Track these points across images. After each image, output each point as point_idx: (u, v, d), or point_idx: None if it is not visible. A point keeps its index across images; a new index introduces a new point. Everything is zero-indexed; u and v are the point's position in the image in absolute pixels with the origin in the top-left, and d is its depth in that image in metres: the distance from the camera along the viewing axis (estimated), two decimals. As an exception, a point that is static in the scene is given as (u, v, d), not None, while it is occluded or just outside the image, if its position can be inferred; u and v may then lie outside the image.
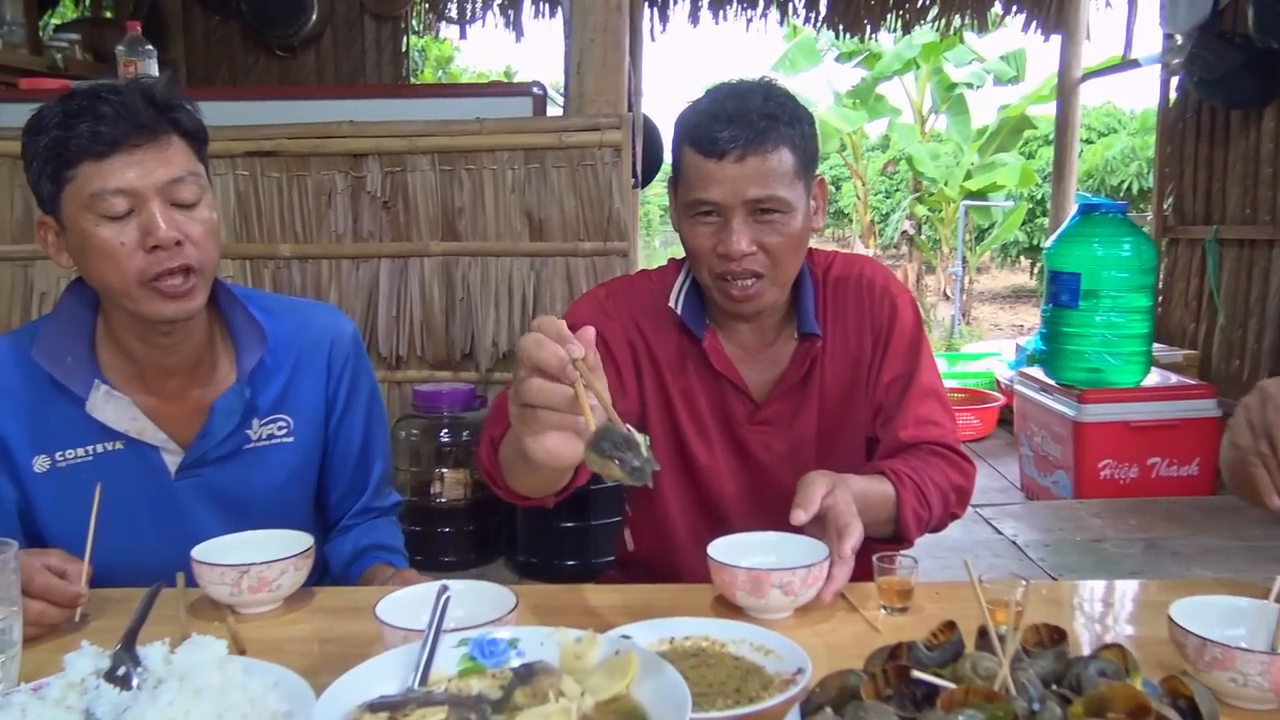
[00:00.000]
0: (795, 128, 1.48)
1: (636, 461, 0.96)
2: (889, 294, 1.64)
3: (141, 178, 1.33)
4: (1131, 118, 14.91)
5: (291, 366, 1.57)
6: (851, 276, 1.65)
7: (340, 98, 3.77)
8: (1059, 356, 4.44)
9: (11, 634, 1.11)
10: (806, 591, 1.29)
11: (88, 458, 1.47)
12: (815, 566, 1.28)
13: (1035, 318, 12.93)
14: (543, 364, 0.99)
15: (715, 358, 1.60)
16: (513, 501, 1.38)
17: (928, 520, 1.55)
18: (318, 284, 3.40)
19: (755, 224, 1.48)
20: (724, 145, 1.44)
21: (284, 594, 1.36)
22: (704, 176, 1.47)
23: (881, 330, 1.62)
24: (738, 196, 1.46)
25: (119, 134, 1.32)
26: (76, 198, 1.34)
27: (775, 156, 1.45)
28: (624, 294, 1.67)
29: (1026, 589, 1.30)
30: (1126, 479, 4.29)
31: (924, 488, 1.53)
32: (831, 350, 1.62)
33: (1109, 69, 6.43)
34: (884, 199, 16.23)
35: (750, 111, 1.45)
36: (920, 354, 1.64)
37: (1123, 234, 4.27)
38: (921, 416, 1.61)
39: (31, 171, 1.37)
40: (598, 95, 3.21)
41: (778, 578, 1.27)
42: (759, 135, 1.44)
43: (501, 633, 1.04)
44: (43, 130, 1.34)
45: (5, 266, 3.31)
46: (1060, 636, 1.03)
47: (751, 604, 1.29)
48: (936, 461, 1.59)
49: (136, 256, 1.34)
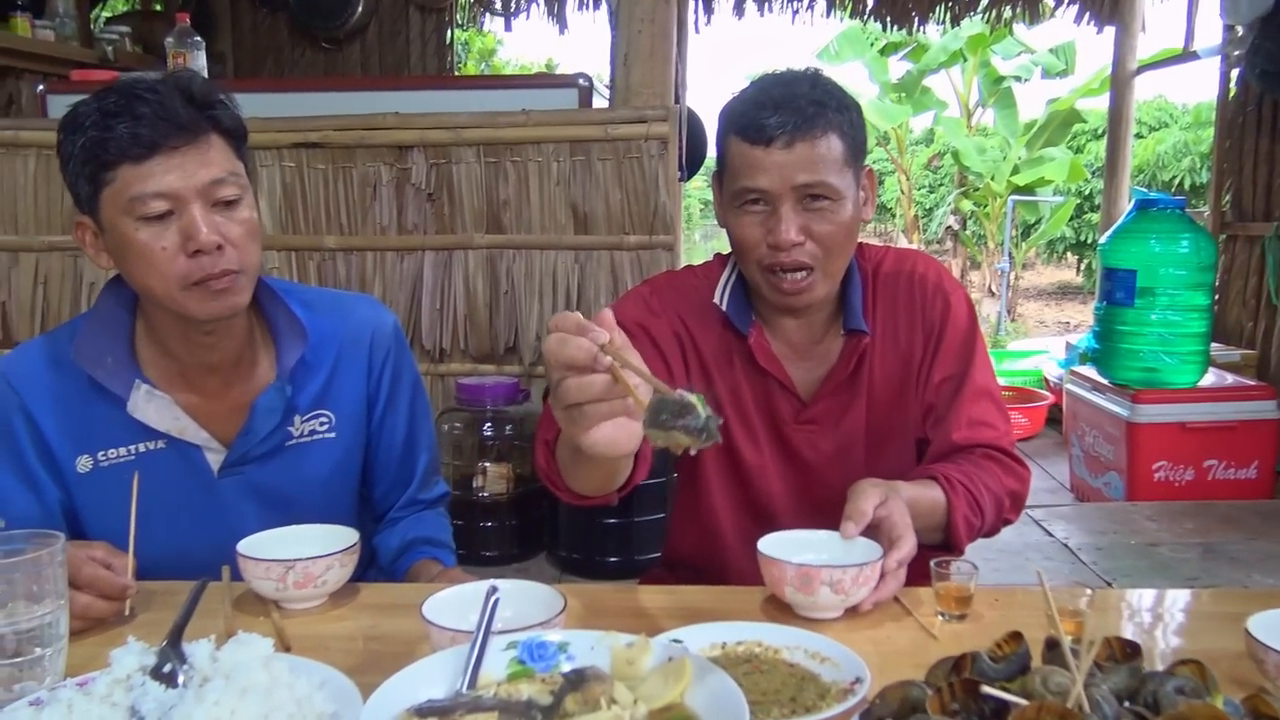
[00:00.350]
0: (844, 114, 1.45)
1: (698, 423, 0.92)
2: (942, 290, 1.60)
3: (182, 180, 1.31)
4: (1184, 112, 14.59)
5: (333, 362, 1.55)
6: (904, 272, 1.61)
7: (386, 89, 3.77)
8: (1113, 355, 4.34)
9: (58, 627, 1.10)
10: (857, 591, 1.25)
11: (130, 457, 1.46)
12: (868, 566, 1.25)
13: (1081, 315, 12.77)
14: (572, 360, 0.95)
15: (761, 355, 1.57)
16: (577, 504, 1.34)
17: (980, 527, 1.51)
18: (362, 276, 3.40)
19: (805, 212, 1.45)
20: (771, 131, 1.41)
21: (329, 590, 1.35)
22: (751, 164, 1.44)
23: (934, 328, 1.58)
24: (786, 183, 1.43)
25: (158, 136, 1.29)
26: (115, 201, 1.32)
27: (824, 142, 1.42)
28: (668, 290, 1.64)
29: (1092, 598, 1.25)
30: (1182, 481, 4.18)
31: (977, 494, 1.49)
32: (881, 348, 1.58)
33: (1166, 61, 6.27)
34: (928, 194, 16.03)
35: (798, 98, 1.42)
36: (974, 353, 1.59)
37: (1181, 230, 4.16)
38: (975, 418, 1.56)
39: (68, 171, 1.35)
40: (644, 87, 3.18)
41: (828, 574, 1.23)
42: (807, 121, 1.41)
43: (551, 635, 1.01)
44: (79, 129, 1.31)
45: (55, 257, 3.35)
46: (1134, 651, 0.98)
47: (801, 601, 1.26)
48: (990, 466, 1.55)
49: (178, 260, 1.32)
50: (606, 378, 0.95)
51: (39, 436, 1.45)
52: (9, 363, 1.47)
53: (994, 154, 12.42)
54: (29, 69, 4.47)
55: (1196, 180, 12.44)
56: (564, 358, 0.95)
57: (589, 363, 0.94)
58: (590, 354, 0.94)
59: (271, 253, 3.38)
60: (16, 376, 1.45)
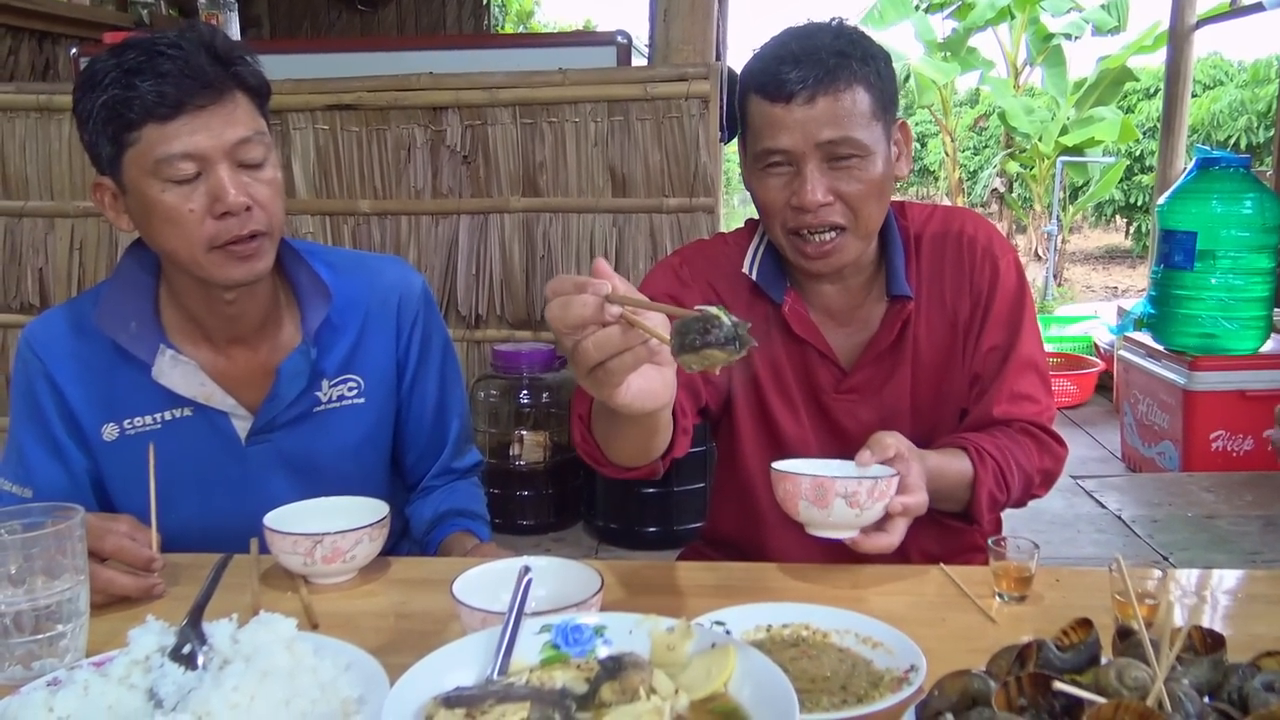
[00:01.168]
0: (869, 65, 1.37)
1: (726, 332, 0.85)
2: (991, 254, 1.51)
3: (209, 140, 1.27)
4: (1240, 69, 14.14)
5: (360, 325, 1.51)
6: (951, 233, 1.53)
7: (420, 48, 3.70)
8: (1170, 321, 4.20)
9: (78, 603, 1.07)
10: (872, 506, 1.22)
11: (156, 425, 1.44)
12: (882, 480, 1.22)
13: (1130, 279, 12.50)
14: (581, 319, 0.89)
15: (797, 322, 1.50)
16: (622, 477, 1.30)
17: (1004, 503, 1.47)
18: (396, 241, 3.36)
19: (831, 171, 1.37)
20: (791, 87, 1.34)
21: (358, 564, 1.31)
22: (772, 123, 1.37)
23: (982, 294, 1.50)
24: (809, 140, 1.35)
25: (184, 94, 1.25)
26: (140, 161, 1.27)
27: (848, 95, 1.35)
28: (698, 260, 1.57)
29: (1164, 580, 1.17)
30: (1240, 451, 4.06)
31: (1006, 470, 1.43)
32: (927, 313, 1.51)
33: (1227, 14, 6.03)
34: (973, 155, 15.72)
35: (819, 50, 1.35)
36: (1023, 321, 1.51)
37: (1244, 190, 3.99)
38: (1018, 391, 1.49)
39: (88, 130, 1.30)
40: (684, 44, 3.10)
41: (842, 485, 1.21)
42: (829, 74, 1.34)
43: (587, 618, 0.96)
44: (98, 87, 1.26)
45: (91, 222, 3.34)
46: (1216, 642, 0.91)
47: (815, 516, 1.24)
48: (1026, 442, 1.48)
49: (205, 223, 1.29)
50: (620, 327, 0.89)
51: (64, 405, 1.43)
52: (33, 330, 1.45)
53: (1042, 114, 12.10)
54: (65, 33, 4.46)
55: (1254, 139, 12.08)
56: (571, 319, 0.89)
57: (598, 317, 0.89)
58: (597, 307, 0.88)
59: (305, 217, 3.35)
60: (40, 344, 1.43)
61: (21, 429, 1.45)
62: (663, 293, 1.50)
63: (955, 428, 1.54)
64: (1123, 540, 3.36)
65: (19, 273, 3.41)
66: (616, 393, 0.93)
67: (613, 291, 0.89)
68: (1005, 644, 0.93)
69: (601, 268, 0.91)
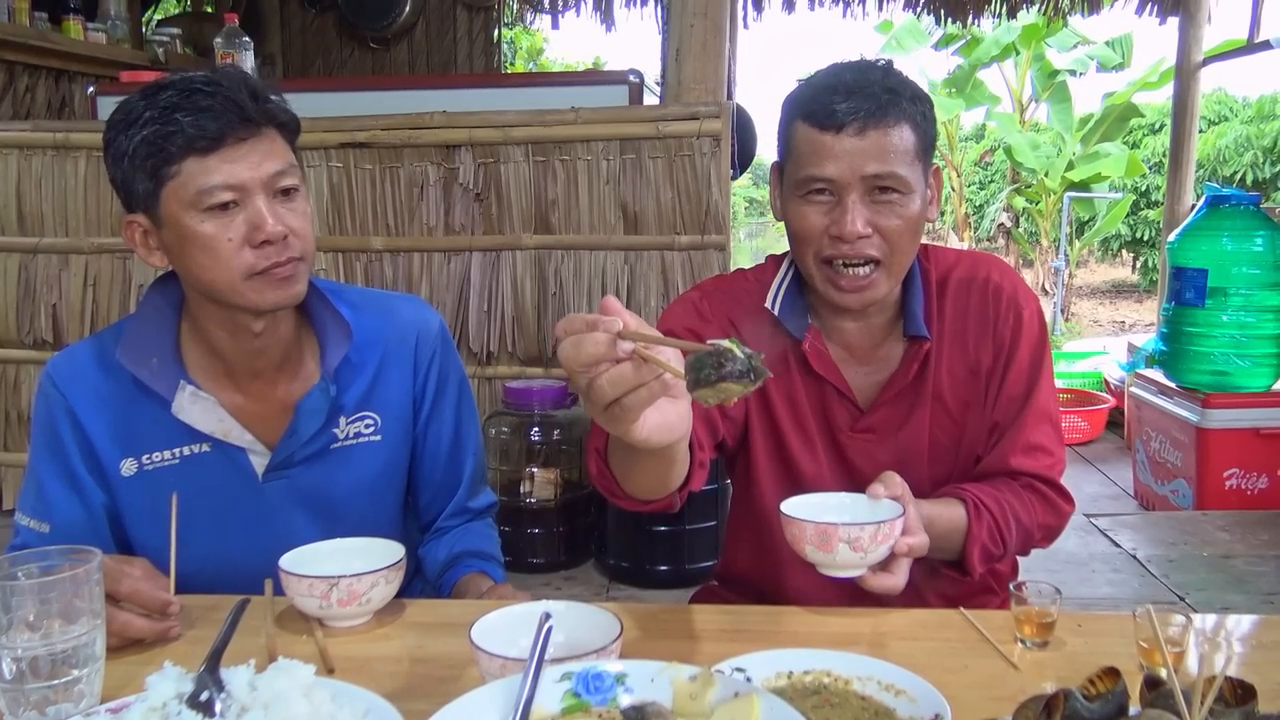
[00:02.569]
0: (917, 105, 1.39)
1: (741, 365, 0.85)
2: (1016, 303, 1.50)
3: (249, 171, 1.30)
4: (1245, 105, 14.21)
5: (377, 363, 1.52)
6: (977, 280, 1.52)
7: (433, 88, 3.73)
8: (1181, 358, 4.18)
9: (94, 647, 1.06)
10: (876, 549, 1.25)
11: (174, 460, 1.44)
12: (885, 524, 1.24)
13: (1137, 314, 12.48)
14: (593, 357, 0.88)
15: (816, 359, 1.49)
16: (639, 509, 1.29)
17: (999, 557, 1.46)
18: (409, 277, 3.37)
19: (872, 204, 1.37)
20: (843, 117, 1.35)
21: (374, 607, 1.30)
22: (819, 151, 1.37)
23: (1004, 342, 1.50)
24: (855, 172, 1.36)
25: (225, 127, 1.28)
26: (179, 194, 1.29)
27: (897, 132, 1.36)
28: (719, 295, 1.57)
29: (1188, 625, 1.16)
30: (1255, 490, 4.02)
31: (1003, 525, 1.42)
32: (949, 357, 1.50)
33: (1233, 52, 6.06)
34: (979, 190, 15.78)
35: (872, 84, 1.36)
36: (1042, 372, 1.51)
37: (1255, 227, 3.99)
38: (1034, 443, 1.49)
39: (121, 168, 1.32)
40: (696, 83, 3.12)
41: (845, 532, 1.24)
42: (881, 108, 1.35)
43: (609, 666, 0.95)
44: (134, 124, 1.28)
45: (105, 259, 3.36)
46: (1247, 692, 0.89)
47: (821, 559, 1.27)
48: (1030, 499, 1.48)
49: (244, 252, 1.31)
50: (633, 363, 0.88)
51: (84, 439, 1.43)
52: (55, 365, 1.46)
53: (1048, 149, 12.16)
54: (81, 71, 4.52)
55: (1259, 175, 12.11)
56: (584, 357, 0.89)
57: (610, 354, 0.88)
58: (609, 344, 0.88)
59: (319, 254, 3.37)
60: (63, 378, 1.44)
61: (41, 463, 1.45)
62: (682, 327, 1.50)
63: (970, 473, 1.53)
64: (1138, 580, 3.32)
65: (33, 309, 3.43)
66: (633, 429, 0.92)
67: (624, 328, 0.88)
68: (1029, 692, 0.92)
69: (611, 304, 0.90)
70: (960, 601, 1.40)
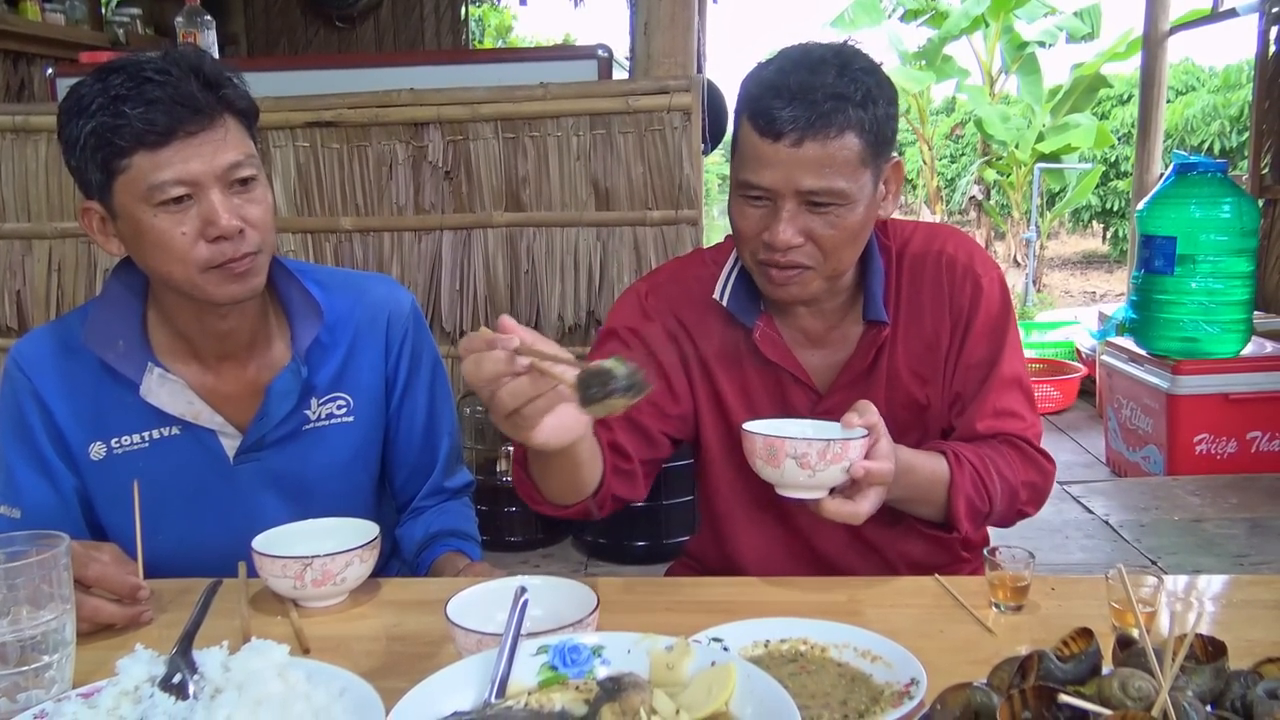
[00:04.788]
0: (868, 109, 1.30)
1: (622, 382, 0.96)
2: (972, 273, 1.48)
3: (201, 165, 1.26)
4: (1211, 75, 14.31)
5: (349, 343, 1.50)
6: (931, 253, 1.49)
7: (400, 65, 3.69)
8: (1151, 325, 4.22)
9: (64, 632, 1.05)
10: (825, 468, 1.22)
11: (144, 444, 1.42)
12: (835, 443, 1.21)
13: (1108, 284, 12.58)
14: (493, 374, 0.99)
15: (768, 346, 1.47)
16: (559, 515, 1.36)
17: (986, 513, 1.42)
18: (379, 257, 3.34)
19: (807, 213, 1.33)
20: (781, 126, 1.28)
21: (349, 587, 1.29)
22: (757, 157, 1.32)
23: (962, 313, 1.47)
24: (790, 184, 1.30)
25: (174, 121, 1.24)
26: (131, 188, 1.26)
27: (838, 143, 1.29)
28: (667, 287, 1.54)
29: (1159, 586, 1.17)
30: (1224, 454, 4.08)
31: (986, 478, 1.39)
32: (905, 336, 1.48)
33: (1200, 20, 6.09)
34: (950, 164, 15.81)
35: (817, 89, 1.28)
36: (1005, 339, 1.48)
37: (1222, 194, 4.02)
38: (1001, 408, 1.46)
39: (74, 156, 1.28)
40: (665, 56, 3.10)
41: (792, 447, 1.21)
42: (822, 117, 1.28)
43: (585, 638, 0.95)
44: (84, 113, 1.24)
45: (69, 244, 3.30)
46: (1217, 649, 0.90)
47: (770, 475, 1.26)
48: (1010, 454, 1.45)
49: (198, 246, 1.28)
50: (530, 376, 0.99)
51: (52, 424, 1.41)
52: (20, 349, 1.44)
53: (1018, 121, 12.20)
54: (40, 53, 4.43)
55: (1226, 144, 12.21)
56: (484, 374, 0.99)
57: (509, 369, 0.99)
58: (507, 360, 0.98)
59: (286, 235, 3.33)
60: (28, 363, 1.42)
61: (9, 449, 1.43)
62: (624, 327, 1.49)
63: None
64: (1110, 545, 3.37)
65: (-4, 295, 3.37)
66: (532, 435, 1.04)
67: (521, 345, 0.98)
68: (1004, 655, 0.92)
69: (507, 324, 1.00)
70: (933, 569, 1.40)
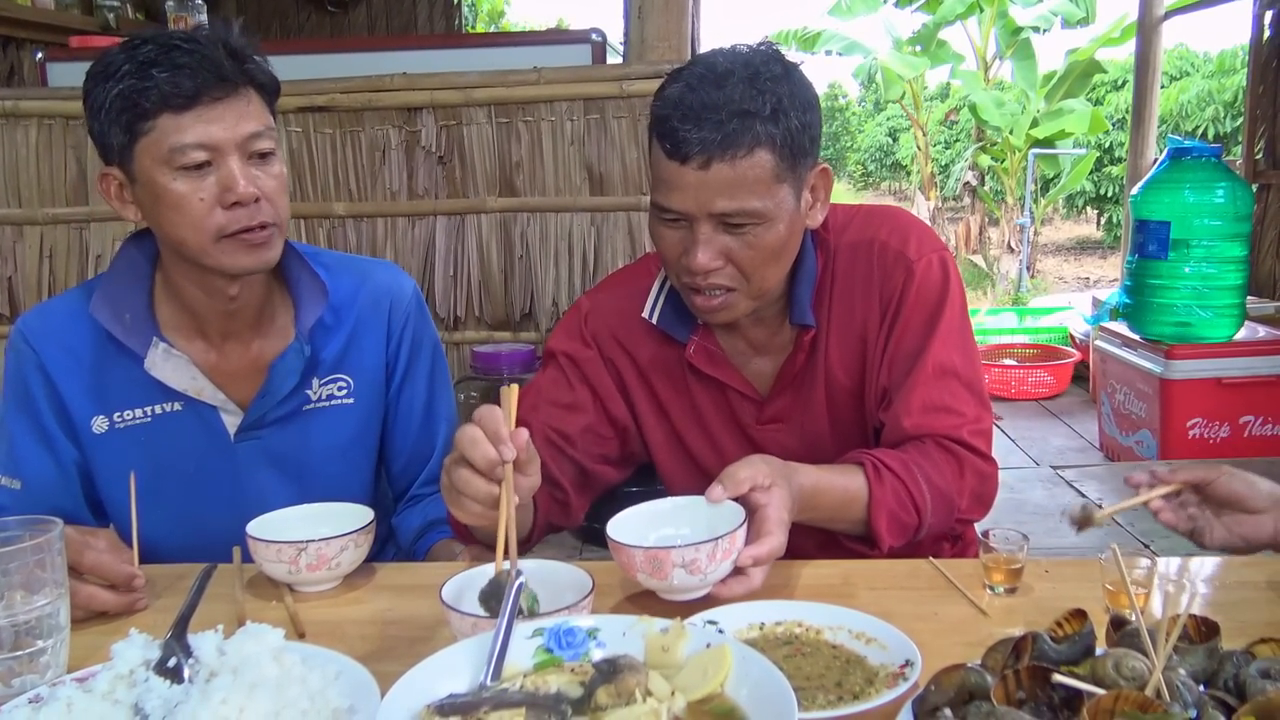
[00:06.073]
0: (779, 122, 1.24)
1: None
2: (904, 258, 1.40)
3: (223, 131, 1.29)
4: (1206, 60, 14.29)
5: (352, 325, 1.52)
6: (863, 243, 1.43)
7: (393, 49, 3.67)
8: (1145, 310, 4.23)
9: (59, 617, 1.05)
10: (715, 568, 1.10)
11: (146, 419, 1.44)
12: (724, 539, 1.10)
13: (1101, 270, 12.59)
14: (475, 462, 1.06)
15: (704, 361, 1.45)
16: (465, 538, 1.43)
17: (915, 527, 1.34)
18: (373, 243, 3.33)
19: (723, 235, 1.29)
20: (687, 149, 1.23)
21: (344, 571, 1.29)
22: (667, 180, 1.27)
23: (890, 301, 1.40)
24: (703, 208, 1.26)
25: (200, 85, 1.27)
26: (152, 151, 1.29)
27: (747, 162, 1.24)
28: (606, 308, 1.51)
29: (1153, 568, 1.18)
30: (1217, 439, 4.10)
31: (912, 488, 1.32)
32: (838, 332, 1.43)
33: (1195, 5, 6.09)
34: (944, 150, 15.79)
35: (720, 108, 1.22)
36: (937, 326, 1.39)
37: (1216, 179, 4.03)
38: (931, 402, 1.38)
39: (99, 120, 1.31)
40: (660, 40, 3.08)
41: (679, 555, 1.09)
42: (728, 138, 1.22)
43: (580, 621, 0.95)
44: (113, 78, 1.28)
45: (60, 229, 3.28)
46: (1210, 629, 0.91)
47: (658, 586, 1.13)
48: (941, 458, 1.36)
49: (215, 213, 1.30)
50: (494, 490, 1.06)
51: (55, 395, 1.43)
52: (27, 321, 1.46)
53: (1012, 107, 12.19)
54: (30, 38, 4.39)
55: (1220, 129, 12.20)
56: (470, 456, 1.06)
57: (486, 471, 1.06)
58: (491, 464, 1.06)
59: (280, 221, 3.31)
60: (34, 334, 1.44)
61: (13, 420, 1.45)
62: (562, 354, 1.50)
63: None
64: (1104, 530, 3.37)
65: (-12, 282, 3.35)
66: (458, 512, 1.11)
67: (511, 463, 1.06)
68: (998, 636, 0.93)
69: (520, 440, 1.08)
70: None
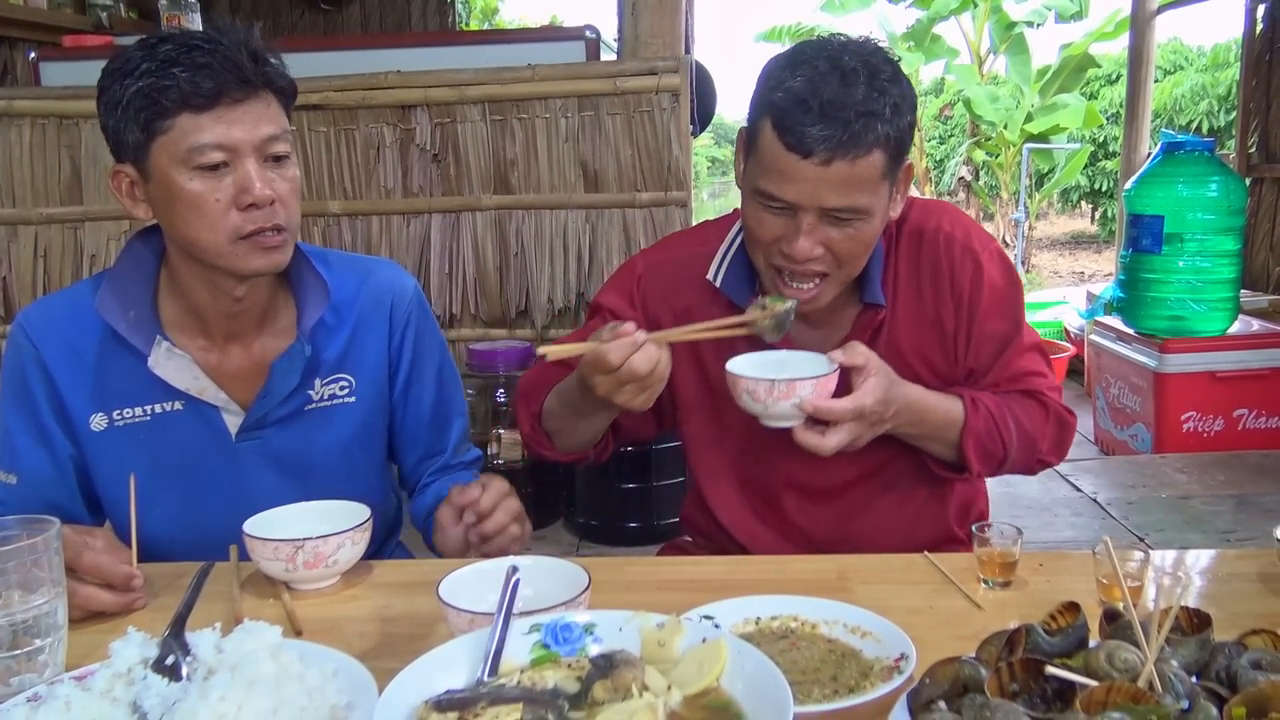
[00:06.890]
0: (894, 123, 1.28)
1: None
2: (970, 252, 1.46)
3: (242, 133, 1.29)
4: (1199, 54, 14.30)
5: (353, 325, 1.52)
6: (928, 231, 1.48)
7: (387, 47, 3.67)
8: (1139, 304, 4.24)
9: (56, 616, 1.05)
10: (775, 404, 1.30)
11: (146, 417, 1.43)
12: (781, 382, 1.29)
13: (1096, 264, 12.60)
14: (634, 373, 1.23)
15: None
16: (563, 460, 1.53)
17: (1000, 459, 1.45)
18: (368, 241, 3.33)
19: (826, 226, 1.32)
20: (810, 144, 1.25)
21: (341, 569, 1.29)
22: (781, 170, 1.29)
23: (964, 294, 1.46)
24: (815, 201, 1.29)
25: (221, 86, 1.26)
26: (170, 149, 1.28)
27: (865, 162, 1.27)
28: (666, 268, 1.54)
29: (1146, 561, 1.18)
30: (1211, 432, 4.10)
31: (1000, 423, 1.42)
32: (905, 316, 1.47)
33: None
34: (939, 145, 15.80)
35: (848, 107, 1.25)
36: (1018, 309, 1.50)
37: (1210, 173, 4.03)
38: (1022, 369, 1.50)
39: (114, 117, 1.30)
40: (653, 38, 3.09)
41: (748, 383, 1.31)
42: (852, 138, 1.25)
43: (577, 617, 0.95)
44: (131, 75, 1.27)
45: (55, 229, 3.28)
46: (1202, 621, 0.91)
47: (744, 405, 1.34)
48: (1029, 404, 1.48)
49: (230, 214, 1.30)
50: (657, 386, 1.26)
51: (54, 392, 1.42)
52: (27, 315, 1.45)
53: (1007, 102, 12.19)
54: (23, 37, 4.37)
55: (1214, 123, 12.22)
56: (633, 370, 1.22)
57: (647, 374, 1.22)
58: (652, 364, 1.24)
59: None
60: (34, 328, 1.43)
61: (10, 415, 1.44)
62: (609, 307, 1.54)
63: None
64: (1099, 523, 3.39)
65: (-18, 282, 3.35)
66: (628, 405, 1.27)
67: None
68: (993, 630, 0.93)
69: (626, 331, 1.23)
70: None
